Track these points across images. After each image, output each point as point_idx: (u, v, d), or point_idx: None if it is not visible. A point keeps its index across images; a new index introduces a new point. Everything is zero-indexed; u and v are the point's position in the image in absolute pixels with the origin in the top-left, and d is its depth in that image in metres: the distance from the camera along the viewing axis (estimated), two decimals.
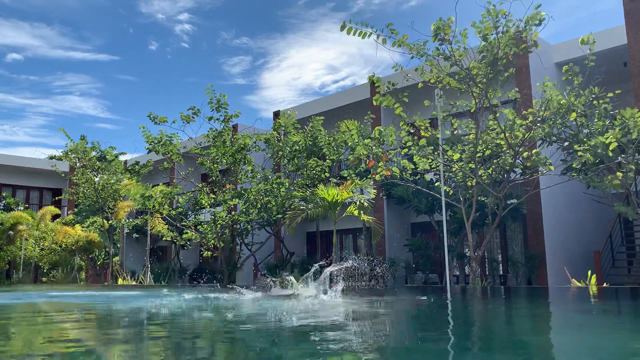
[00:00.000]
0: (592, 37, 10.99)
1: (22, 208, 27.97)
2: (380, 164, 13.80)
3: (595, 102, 11.96)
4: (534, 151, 12.61)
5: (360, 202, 15.08)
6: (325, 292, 8.60)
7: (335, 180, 16.94)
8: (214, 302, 8.90)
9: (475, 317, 6.65)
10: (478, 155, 12.64)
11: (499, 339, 4.46)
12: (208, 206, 18.31)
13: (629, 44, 14.32)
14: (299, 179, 18.00)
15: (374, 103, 12.54)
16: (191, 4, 47.88)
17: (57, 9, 46.85)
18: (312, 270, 8.40)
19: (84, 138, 22.26)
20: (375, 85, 12.15)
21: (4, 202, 28.67)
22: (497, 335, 4.75)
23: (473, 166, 12.76)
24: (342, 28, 10.54)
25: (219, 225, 17.76)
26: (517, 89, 13.71)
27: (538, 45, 11.37)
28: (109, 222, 22.08)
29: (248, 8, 49.22)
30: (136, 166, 21.85)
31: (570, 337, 4.48)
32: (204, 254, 18.60)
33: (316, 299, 8.25)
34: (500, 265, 17.05)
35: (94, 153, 22.36)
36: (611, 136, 10.88)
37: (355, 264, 10.78)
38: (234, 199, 17.82)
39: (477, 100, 12.04)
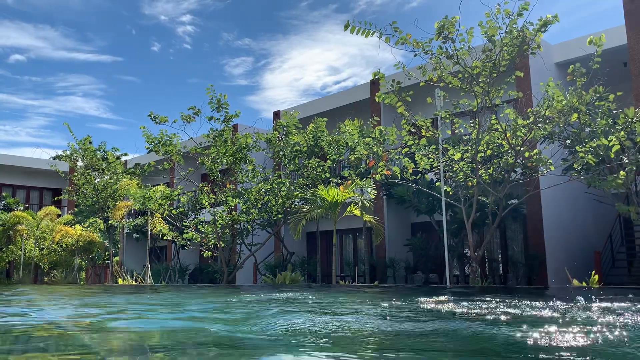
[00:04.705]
0: (603, 39, 10.99)
1: (22, 208, 27.97)
2: (380, 164, 13.81)
3: (597, 102, 11.98)
4: (534, 151, 12.62)
5: (361, 202, 15.10)
6: None
7: (335, 180, 16.94)
8: None
9: None
10: (479, 155, 12.65)
11: None
12: (208, 206, 18.32)
13: (629, 44, 14.33)
14: (300, 179, 18.00)
15: (376, 99, 12.56)
16: (194, 6, 47.96)
17: (61, 11, 46.93)
18: None
19: (89, 138, 22.24)
20: (379, 81, 12.16)
21: (4, 202, 28.66)
22: None
23: (474, 166, 12.77)
24: (346, 27, 10.56)
25: (219, 225, 17.76)
26: (518, 89, 13.72)
27: (541, 47, 11.40)
28: (109, 222, 22.07)
29: (250, 9, 49.30)
30: (137, 169, 21.84)
31: None
32: (204, 254, 18.59)
33: None
34: (500, 265, 17.06)
35: (99, 153, 22.32)
36: (614, 139, 10.87)
37: None
38: (234, 199, 17.82)
39: (479, 100, 12.05)
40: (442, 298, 8.05)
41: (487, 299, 7.80)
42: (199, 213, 20.03)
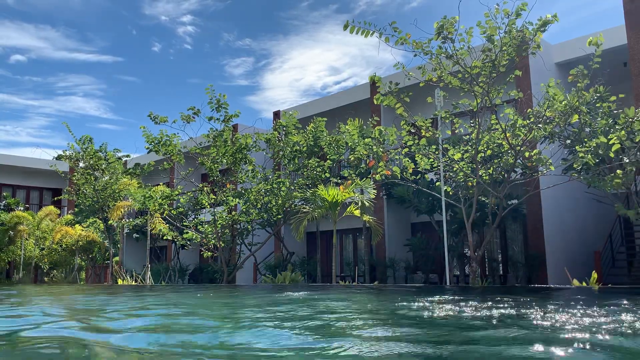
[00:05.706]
0: (601, 38, 10.98)
1: (22, 208, 27.97)
2: (380, 164, 13.80)
3: (598, 103, 11.97)
4: (534, 151, 12.61)
5: (360, 202, 15.09)
6: None
7: (335, 180, 16.93)
8: None
9: None
10: (479, 155, 12.64)
11: None
12: (208, 206, 18.32)
13: (629, 44, 14.33)
14: (300, 179, 18.00)
15: (375, 102, 12.54)
16: (194, 6, 48.00)
17: (61, 11, 46.98)
18: None
19: (89, 137, 22.25)
20: (377, 85, 12.15)
21: (4, 202, 28.66)
22: None
23: (474, 166, 12.76)
24: (345, 27, 10.55)
25: (219, 225, 17.76)
26: (518, 89, 13.71)
27: (541, 47, 11.38)
28: (108, 222, 22.09)
29: (250, 10, 49.37)
30: (137, 169, 21.84)
31: None
32: (204, 254, 18.60)
33: None
34: (500, 265, 17.05)
35: (100, 154, 22.32)
36: (614, 138, 10.85)
37: None
38: (234, 199, 17.82)
39: (479, 100, 12.04)
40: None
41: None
42: (199, 213, 20.03)
